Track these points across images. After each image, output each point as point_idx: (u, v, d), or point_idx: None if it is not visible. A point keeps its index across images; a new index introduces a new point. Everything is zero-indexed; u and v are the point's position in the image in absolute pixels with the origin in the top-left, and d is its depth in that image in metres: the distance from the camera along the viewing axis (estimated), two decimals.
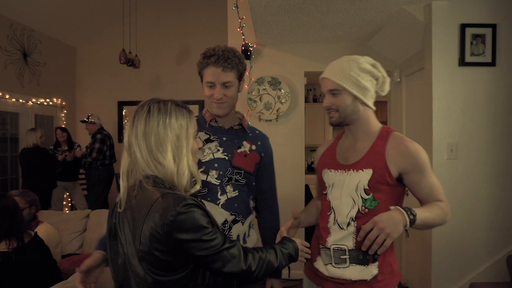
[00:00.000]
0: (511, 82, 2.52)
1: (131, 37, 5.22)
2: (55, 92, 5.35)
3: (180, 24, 5.77)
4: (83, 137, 5.47)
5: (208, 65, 1.39)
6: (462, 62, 2.51)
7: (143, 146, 0.99)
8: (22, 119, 4.72)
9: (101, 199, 4.62)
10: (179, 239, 0.92)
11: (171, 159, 0.99)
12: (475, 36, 2.51)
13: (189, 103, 1.35)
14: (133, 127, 1.01)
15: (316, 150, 1.56)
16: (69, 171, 4.77)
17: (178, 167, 1.00)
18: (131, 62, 4.78)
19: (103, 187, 4.67)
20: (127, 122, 1.04)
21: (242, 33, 3.32)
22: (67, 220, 3.07)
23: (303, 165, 3.69)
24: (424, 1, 2.55)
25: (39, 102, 4.97)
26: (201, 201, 1.03)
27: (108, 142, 4.68)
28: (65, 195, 5.02)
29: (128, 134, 1.02)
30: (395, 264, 1.33)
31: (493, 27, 2.49)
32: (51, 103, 5.22)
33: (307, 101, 6.06)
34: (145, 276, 0.96)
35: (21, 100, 4.63)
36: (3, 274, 1.82)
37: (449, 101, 2.55)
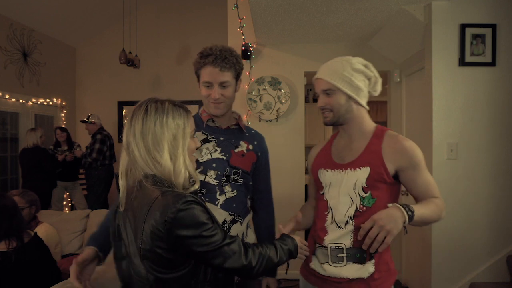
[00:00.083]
0: (511, 82, 2.52)
1: (131, 37, 5.22)
2: (55, 92, 5.35)
3: (180, 24, 5.78)
4: (83, 137, 5.47)
5: (206, 64, 1.38)
6: (462, 62, 2.51)
7: (141, 145, 1.00)
8: (22, 119, 4.73)
9: (101, 199, 4.63)
10: (179, 235, 0.93)
11: (168, 157, 1.00)
12: (475, 36, 2.51)
13: (189, 103, 1.35)
14: (131, 127, 1.02)
15: (310, 152, 1.56)
16: (69, 171, 4.77)
17: (174, 165, 1.01)
18: (131, 62, 4.79)
19: (103, 187, 4.68)
20: (126, 122, 1.05)
21: (242, 33, 3.32)
22: (67, 220, 3.07)
23: (303, 165, 3.69)
24: (424, 1, 2.55)
25: (39, 102, 4.98)
26: (201, 198, 1.04)
27: (108, 143, 4.68)
28: (65, 195, 5.02)
29: (126, 133, 1.03)
30: (391, 263, 1.34)
31: (493, 27, 2.49)
32: (51, 103, 5.22)
33: (307, 101, 6.05)
34: (147, 275, 0.97)
35: (21, 100, 4.63)
36: (2, 274, 1.82)
37: (449, 101, 2.55)
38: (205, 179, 1.40)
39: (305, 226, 1.50)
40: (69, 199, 5.15)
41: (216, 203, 1.40)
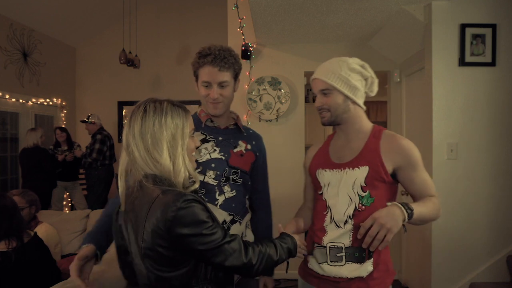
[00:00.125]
0: (511, 82, 2.52)
1: (131, 37, 5.22)
2: (55, 92, 5.35)
3: (180, 24, 5.78)
4: (83, 137, 5.47)
5: (204, 64, 1.38)
6: (462, 62, 2.51)
7: (141, 145, 1.01)
8: (22, 119, 4.73)
9: (101, 199, 4.63)
10: (180, 234, 0.94)
11: (167, 157, 1.01)
12: (475, 36, 2.51)
13: (189, 103, 1.35)
14: (130, 127, 1.03)
15: (306, 153, 1.57)
16: (69, 171, 4.77)
17: (174, 165, 1.02)
18: (131, 62, 4.79)
19: (103, 187, 4.68)
20: (126, 122, 1.06)
21: (242, 33, 3.32)
22: (67, 220, 3.07)
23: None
24: (424, 1, 2.55)
25: (39, 102, 4.98)
26: (201, 196, 1.04)
27: (108, 143, 4.68)
28: (65, 195, 5.02)
29: (126, 133, 1.04)
30: (390, 263, 1.35)
31: (493, 27, 2.49)
32: (51, 103, 5.22)
33: (307, 101, 6.04)
34: (148, 274, 0.98)
35: (21, 100, 4.63)
36: (2, 274, 1.82)
37: (449, 101, 2.55)
38: (204, 179, 1.40)
39: (304, 229, 1.51)
40: (69, 199, 5.15)
41: (216, 203, 1.40)
